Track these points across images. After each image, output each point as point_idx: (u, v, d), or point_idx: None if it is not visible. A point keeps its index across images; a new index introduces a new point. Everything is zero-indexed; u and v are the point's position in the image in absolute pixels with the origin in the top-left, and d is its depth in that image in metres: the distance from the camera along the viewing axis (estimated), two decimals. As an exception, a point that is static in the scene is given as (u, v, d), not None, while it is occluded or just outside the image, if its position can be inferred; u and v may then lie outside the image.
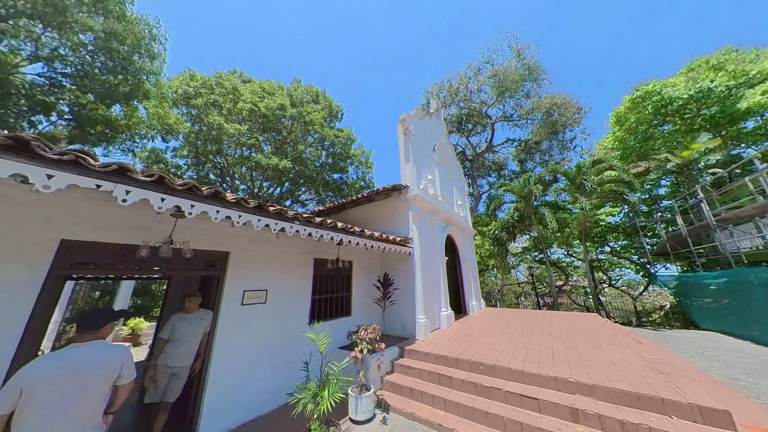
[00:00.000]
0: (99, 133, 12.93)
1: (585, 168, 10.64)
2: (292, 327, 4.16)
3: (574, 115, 15.07)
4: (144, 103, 13.53)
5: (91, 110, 12.23)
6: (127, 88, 11.63)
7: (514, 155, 17.73)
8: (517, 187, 11.77)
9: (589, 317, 7.72)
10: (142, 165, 17.58)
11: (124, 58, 11.26)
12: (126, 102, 12.23)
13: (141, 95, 12.50)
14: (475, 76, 15.75)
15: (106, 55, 11.16)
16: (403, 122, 7.00)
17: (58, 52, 10.95)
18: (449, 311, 6.82)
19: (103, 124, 12.78)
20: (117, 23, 10.99)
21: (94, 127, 12.85)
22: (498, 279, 19.90)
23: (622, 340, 5.05)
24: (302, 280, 4.49)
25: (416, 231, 6.20)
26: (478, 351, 4.35)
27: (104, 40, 10.92)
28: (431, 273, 6.58)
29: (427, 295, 6.04)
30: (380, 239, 4.86)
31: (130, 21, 11.35)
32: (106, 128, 12.86)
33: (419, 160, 7.49)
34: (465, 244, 9.70)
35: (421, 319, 5.52)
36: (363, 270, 6.01)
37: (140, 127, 13.95)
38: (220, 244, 3.48)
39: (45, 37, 10.63)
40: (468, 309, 8.70)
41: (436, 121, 9.91)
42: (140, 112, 14.16)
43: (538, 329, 6.05)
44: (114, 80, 11.51)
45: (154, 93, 12.89)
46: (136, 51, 11.83)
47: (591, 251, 16.96)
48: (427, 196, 7.19)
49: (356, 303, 5.58)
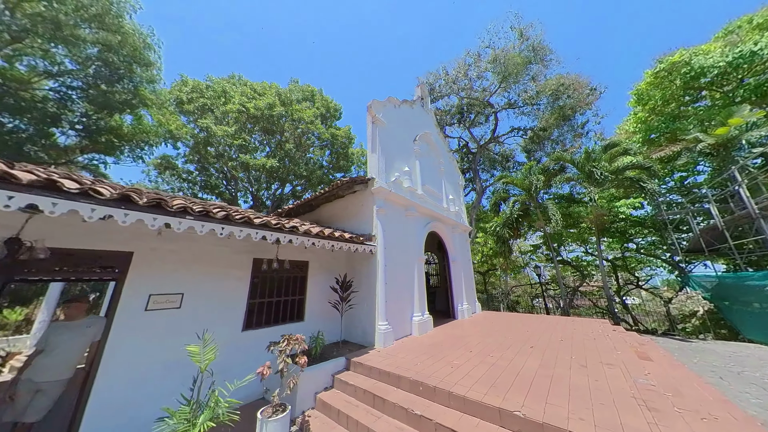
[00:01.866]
0: (107, 142, 13.67)
1: (595, 154, 9.37)
2: (219, 334, 3.76)
3: (587, 96, 13.45)
4: (148, 110, 14.11)
5: (97, 120, 12.97)
6: (123, 97, 12.11)
7: (522, 146, 16.34)
8: (518, 179, 10.69)
9: (595, 324, 6.64)
10: (156, 172, 18.53)
11: (119, 68, 11.75)
12: (123, 111, 12.75)
13: (140, 103, 13.02)
14: (475, 63, 14.68)
15: (105, 66, 11.70)
16: (370, 109, 6.43)
17: (65, 66, 11.68)
18: (425, 317, 6.14)
19: (109, 133, 13.50)
20: (113, 35, 11.48)
21: (101, 136, 13.62)
22: (509, 279, 18.55)
23: (622, 356, 4.12)
24: (236, 282, 4.09)
25: (380, 227, 5.61)
26: (431, 366, 3.69)
27: (102, 51, 11.46)
28: (402, 274, 5.95)
29: (393, 299, 5.43)
30: (326, 237, 4.35)
31: (126, 33, 11.81)
32: (112, 137, 13.57)
33: (392, 150, 6.89)
34: (456, 241, 8.89)
35: (381, 325, 4.93)
36: (322, 271, 5.52)
37: (145, 136, 14.56)
38: (122, 244, 3.15)
39: (55, 53, 11.37)
40: (456, 313, 7.91)
41: (420, 110, 9.21)
42: (146, 120, 14.80)
43: (523, 339, 5.21)
44: (112, 90, 12.06)
45: (153, 101, 13.37)
46: (134, 61, 12.32)
47: (615, 248, 15.23)
48: (400, 190, 6.56)
49: (312, 307, 5.11)
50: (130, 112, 13.55)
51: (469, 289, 9.18)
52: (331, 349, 4.77)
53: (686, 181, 12.52)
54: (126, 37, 11.84)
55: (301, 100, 15.95)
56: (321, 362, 3.97)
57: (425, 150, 8.65)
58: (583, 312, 16.49)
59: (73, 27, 10.66)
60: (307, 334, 4.51)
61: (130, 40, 11.82)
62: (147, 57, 12.37)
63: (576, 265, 15.00)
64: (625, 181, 9.01)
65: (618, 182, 9.30)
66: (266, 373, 2.91)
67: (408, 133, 7.99)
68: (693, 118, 10.70)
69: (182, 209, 2.74)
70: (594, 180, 8.95)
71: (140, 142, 14.73)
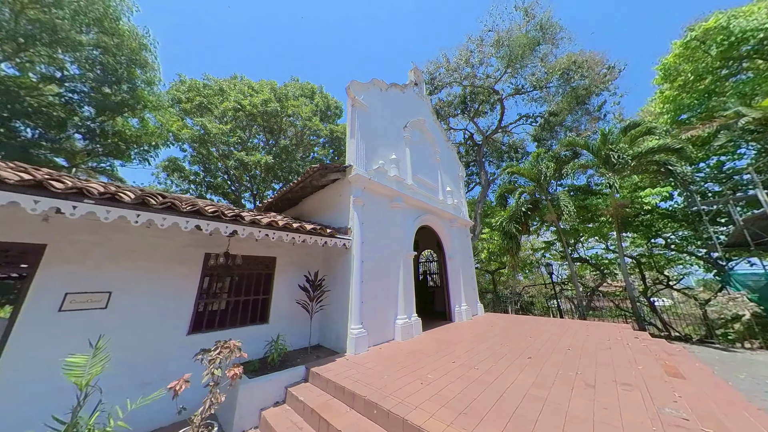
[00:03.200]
0: (111, 144, 13.99)
1: (613, 136, 8.28)
2: (158, 339, 3.32)
3: (605, 76, 12.05)
4: (152, 113, 14.31)
5: (102, 123, 13.29)
6: (122, 98, 12.27)
7: (533, 135, 15.11)
8: (525, 168, 9.72)
9: (613, 330, 5.70)
10: (165, 174, 18.91)
11: (117, 71, 11.91)
12: (123, 113, 12.93)
13: (141, 106, 13.19)
14: (478, 48, 13.72)
15: (103, 69, 11.90)
16: (349, 90, 5.86)
17: (68, 71, 12.00)
18: (411, 320, 5.49)
19: (113, 137, 13.80)
20: (110, 38, 11.64)
21: (107, 139, 13.96)
22: (522, 279, 17.32)
23: (644, 371, 3.28)
24: (181, 279, 3.65)
25: (357, 219, 5.02)
26: (398, 381, 3.05)
27: (101, 54, 11.67)
28: (385, 271, 5.33)
29: (372, 299, 4.83)
30: (286, 228, 3.82)
31: (123, 35, 11.95)
32: (117, 140, 13.86)
33: (376, 136, 6.28)
34: (453, 237, 8.14)
35: (354, 329, 4.34)
36: (293, 268, 5.01)
37: (149, 138, 14.78)
38: (31, 235, 2.76)
39: (62, 59, 11.68)
40: (453, 315, 7.17)
41: (413, 95, 8.53)
42: (150, 122, 15.04)
43: (522, 347, 4.43)
44: (112, 92, 12.26)
45: (153, 102, 13.51)
46: (132, 63, 12.48)
47: (640, 244, 13.77)
48: (384, 179, 5.95)
49: (278, 307, 4.60)
50: (132, 115, 13.79)
51: (470, 288, 8.39)
52: (297, 355, 4.24)
53: (725, 166, 10.96)
54: (123, 39, 11.98)
55: (299, 96, 15.65)
56: (274, 372, 3.44)
57: (418, 138, 7.96)
58: (606, 314, 15.07)
59: (69, 31, 10.84)
60: (270, 338, 4.02)
61: (128, 43, 11.95)
62: (144, 58, 12.46)
63: (595, 263, 13.68)
64: (649, 165, 7.85)
65: (641, 167, 8.14)
66: (180, 388, 2.39)
67: (397, 119, 7.35)
68: (732, 93, 9.26)
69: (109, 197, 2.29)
70: (612, 165, 7.87)
71: (144, 144, 14.99)
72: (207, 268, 3.90)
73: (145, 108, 13.50)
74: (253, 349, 3.87)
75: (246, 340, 4.01)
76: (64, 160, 14.32)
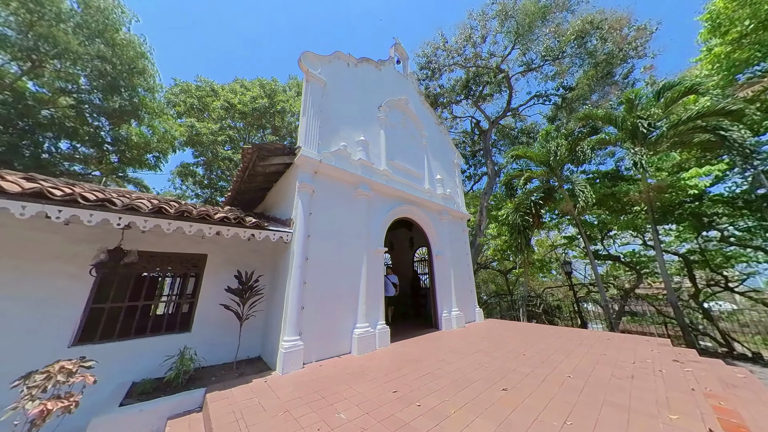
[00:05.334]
0: (121, 151, 14.63)
1: (641, 101, 6.68)
2: (28, 352, 2.76)
3: (635, 39, 9.97)
4: (157, 120, 14.78)
5: (110, 130, 13.94)
6: (123, 104, 12.69)
7: (548, 116, 13.30)
8: (532, 151, 8.31)
9: (643, 346, 4.31)
10: (180, 180, 19.67)
11: (118, 79, 12.35)
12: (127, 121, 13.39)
13: (144, 112, 13.62)
14: (481, 23, 12.34)
15: (102, 77, 12.38)
16: (301, 63, 5.10)
17: (76, 83, 12.67)
18: (376, 329, 4.57)
19: (121, 143, 14.42)
20: (110, 48, 12.09)
21: (120, 147, 14.62)
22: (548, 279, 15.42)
23: (681, 423, 2.08)
24: (66, 280, 3.08)
25: (301, 208, 4.22)
26: (291, 424, 2.17)
27: (102, 64, 12.16)
28: (341, 271, 4.48)
29: (319, 304, 4.01)
30: (183, 218, 3.10)
31: (123, 45, 12.37)
32: (122, 147, 14.46)
33: (339, 115, 5.48)
34: (442, 232, 7.05)
35: (286, 341, 3.52)
36: (230, 267, 4.30)
37: (157, 144, 15.28)
38: None
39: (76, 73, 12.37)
40: (440, 322, 6.09)
41: (393, 73, 7.60)
42: (159, 128, 15.57)
43: (506, 370, 3.32)
44: (115, 100, 12.74)
45: (155, 108, 13.90)
46: (132, 71, 12.90)
47: (688, 238, 11.51)
48: (345, 163, 5.11)
49: (206, 313, 3.92)
50: (141, 123, 14.30)
51: (465, 291, 7.22)
52: (217, 372, 3.52)
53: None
54: (123, 48, 12.39)
55: (296, 96, 15.32)
56: (159, 397, 2.72)
57: (397, 119, 7.01)
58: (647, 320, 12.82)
59: (74, 44, 11.36)
60: (194, 347, 3.35)
61: (126, 52, 12.34)
62: (143, 65, 12.81)
63: (630, 260, 11.65)
64: (694, 135, 6.15)
65: (682, 139, 6.44)
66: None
67: (372, 97, 6.48)
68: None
69: None
70: (641, 138, 6.30)
71: (152, 150, 15.52)
72: (108, 266, 3.31)
73: (149, 114, 13.93)
74: (168, 363, 3.19)
75: (157, 351, 3.38)
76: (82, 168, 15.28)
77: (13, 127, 11.37)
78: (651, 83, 9.76)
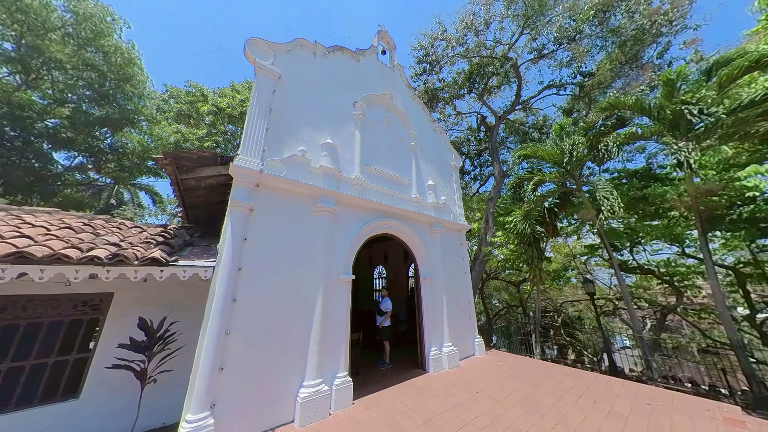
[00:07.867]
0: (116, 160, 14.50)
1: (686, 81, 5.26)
2: None
3: (672, 10, 8.15)
4: (157, 127, 14.53)
5: (105, 138, 13.83)
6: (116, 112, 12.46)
7: (564, 109, 11.73)
8: (543, 149, 7.00)
9: (698, 416, 3.01)
10: None
11: (109, 88, 12.13)
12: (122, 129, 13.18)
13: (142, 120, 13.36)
14: (484, 8, 11.04)
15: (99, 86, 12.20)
16: (247, 52, 4.20)
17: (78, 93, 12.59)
18: (334, 385, 3.57)
19: (118, 152, 14.29)
20: (101, 56, 11.88)
21: (115, 155, 14.51)
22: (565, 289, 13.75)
23: None
24: None
25: (231, 234, 3.29)
26: None
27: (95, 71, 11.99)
28: (286, 311, 3.52)
29: (248, 360, 3.08)
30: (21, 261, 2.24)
31: (113, 52, 12.14)
32: (120, 155, 14.33)
33: (299, 114, 4.55)
34: (433, 248, 5.93)
35: (191, 421, 2.58)
36: (147, 306, 3.45)
37: (155, 151, 15.07)
38: None
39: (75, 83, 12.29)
40: (428, 363, 4.98)
41: (375, 64, 6.56)
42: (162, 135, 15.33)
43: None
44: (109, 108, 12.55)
45: (148, 115, 13.64)
46: (123, 79, 12.67)
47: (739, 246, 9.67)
48: (303, 173, 4.17)
49: (100, 373, 3.05)
50: (140, 131, 14.07)
51: (460, 318, 6.04)
52: (101, 459, 2.63)
53: None
54: (113, 56, 12.16)
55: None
56: None
57: (378, 117, 5.97)
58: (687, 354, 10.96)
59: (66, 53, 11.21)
60: (79, 422, 2.52)
61: (116, 59, 12.09)
62: (132, 71, 12.54)
63: (664, 271, 9.96)
64: (761, 122, 4.68)
65: (743, 129, 4.97)
66: None
67: (346, 93, 5.50)
68: None
69: None
70: (687, 130, 4.91)
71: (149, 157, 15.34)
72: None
73: (148, 122, 13.66)
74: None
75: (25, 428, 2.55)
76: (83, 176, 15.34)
77: (11, 143, 11.34)
78: (697, 60, 8.00)
